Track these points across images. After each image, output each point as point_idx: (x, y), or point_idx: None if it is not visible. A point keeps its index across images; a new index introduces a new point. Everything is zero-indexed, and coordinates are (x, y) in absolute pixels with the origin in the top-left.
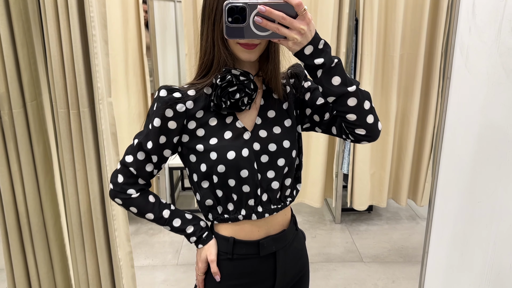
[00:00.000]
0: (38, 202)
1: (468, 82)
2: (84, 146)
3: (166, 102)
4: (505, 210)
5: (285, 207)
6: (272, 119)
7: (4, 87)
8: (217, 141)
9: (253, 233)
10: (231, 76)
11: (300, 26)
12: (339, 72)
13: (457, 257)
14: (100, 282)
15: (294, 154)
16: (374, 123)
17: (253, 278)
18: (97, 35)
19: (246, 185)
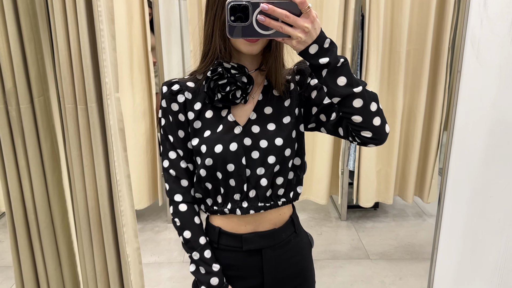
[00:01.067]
0: (45, 198)
1: (479, 75)
2: (92, 142)
3: (168, 97)
4: None
5: (277, 207)
6: (268, 115)
7: (11, 83)
8: (210, 134)
9: (240, 227)
10: (222, 69)
11: (304, 24)
12: (345, 72)
13: (468, 253)
14: (108, 279)
15: (288, 153)
16: (381, 125)
17: (240, 272)
18: (105, 30)
19: (232, 179)
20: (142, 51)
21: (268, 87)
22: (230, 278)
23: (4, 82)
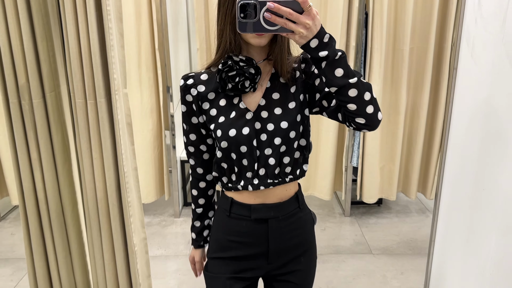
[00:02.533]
0: (56, 189)
1: (473, 72)
2: (100, 135)
3: (183, 89)
4: (509, 196)
5: (284, 183)
6: (275, 100)
7: (24, 78)
8: (224, 120)
9: (250, 199)
10: (231, 62)
11: (305, 21)
12: (342, 65)
13: (463, 245)
14: (115, 267)
15: (293, 135)
16: (374, 113)
17: (248, 239)
18: (113, 28)
19: (245, 159)
20: (150, 49)
21: (275, 75)
22: (239, 244)
23: (17, 78)
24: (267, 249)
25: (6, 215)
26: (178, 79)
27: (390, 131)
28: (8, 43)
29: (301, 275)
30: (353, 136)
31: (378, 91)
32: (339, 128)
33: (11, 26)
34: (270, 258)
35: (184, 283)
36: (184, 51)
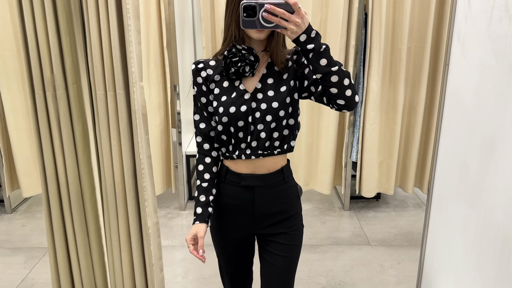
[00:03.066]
0: (76, 174)
1: (463, 67)
2: (119, 124)
3: (195, 72)
4: (494, 184)
5: (273, 155)
6: (269, 84)
7: (49, 71)
8: (226, 99)
9: (242, 168)
10: (235, 50)
11: (296, 19)
12: (326, 55)
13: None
14: (131, 248)
15: (282, 114)
16: (352, 96)
17: (237, 202)
18: (132, 25)
19: (241, 132)
20: (158, 47)
21: (271, 64)
22: (231, 206)
23: (43, 71)
24: (253, 212)
25: (17, 207)
26: (184, 77)
27: (388, 127)
28: (35, 39)
29: (285, 237)
30: (353, 133)
31: (376, 88)
32: (339, 124)
33: (38, 23)
34: (256, 220)
35: (190, 271)
36: (189, 50)
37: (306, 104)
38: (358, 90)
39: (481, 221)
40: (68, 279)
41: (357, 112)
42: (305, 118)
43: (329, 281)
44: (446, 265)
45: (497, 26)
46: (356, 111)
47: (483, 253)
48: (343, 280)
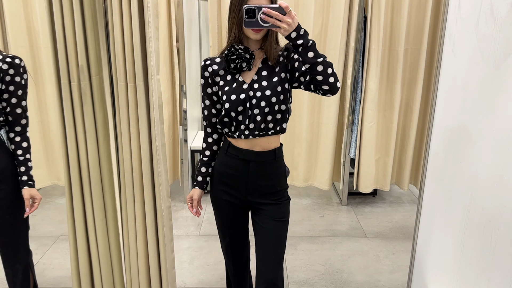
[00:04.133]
0: (97, 160)
1: (454, 65)
2: (138, 113)
3: (203, 67)
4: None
5: (267, 135)
6: (264, 76)
7: (75, 63)
8: (228, 88)
9: (241, 145)
10: (233, 49)
11: (287, 20)
12: (312, 49)
13: (442, 212)
14: (145, 229)
15: (274, 100)
16: (334, 82)
17: (235, 172)
18: (152, 22)
19: (240, 116)
20: (168, 46)
21: (266, 59)
22: (229, 174)
23: (69, 63)
24: (247, 182)
25: None
26: (191, 76)
27: (385, 125)
28: (63, 34)
29: (273, 207)
30: (351, 132)
31: (374, 88)
32: (338, 123)
33: (66, 19)
34: (248, 189)
35: (195, 259)
36: (195, 50)
37: (307, 102)
38: (357, 89)
39: (467, 204)
40: (86, 258)
41: (355, 111)
42: (305, 116)
43: (327, 269)
44: (436, 250)
45: (483, 27)
46: (354, 110)
47: (469, 233)
48: (340, 268)
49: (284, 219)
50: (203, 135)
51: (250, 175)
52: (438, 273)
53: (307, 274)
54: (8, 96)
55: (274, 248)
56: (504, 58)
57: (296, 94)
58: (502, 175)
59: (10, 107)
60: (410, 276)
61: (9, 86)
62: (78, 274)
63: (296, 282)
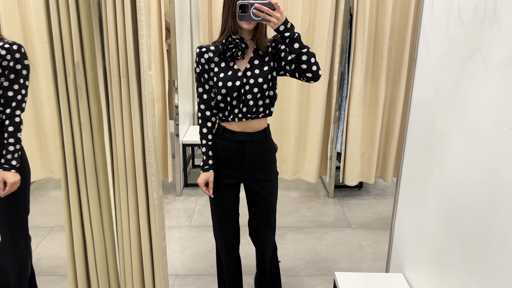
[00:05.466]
0: (91, 151)
1: (428, 63)
2: (130, 107)
3: (199, 55)
4: (449, 162)
5: (258, 118)
6: (256, 65)
7: (71, 59)
8: (223, 75)
9: (235, 128)
10: (230, 39)
11: (276, 14)
12: (298, 41)
13: (416, 202)
14: (138, 217)
15: (265, 87)
16: (316, 70)
17: (231, 154)
18: (144, 21)
19: (234, 101)
20: (158, 43)
21: (257, 49)
22: (225, 156)
23: (65, 59)
24: (243, 161)
25: None
26: (182, 72)
27: (370, 121)
28: (59, 31)
29: (265, 182)
30: (337, 127)
31: (360, 84)
32: (325, 118)
33: (62, 18)
34: (245, 167)
35: (186, 248)
36: (187, 46)
37: (295, 98)
38: (343, 86)
39: (438, 194)
40: (81, 245)
41: (342, 107)
42: (294, 111)
43: (313, 257)
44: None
45: (452, 28)
46: (341, 106)
47: (440, 220)
48: (325, 256)
49: (274, 189)
50: (199, 123)
51: (246, 154)
52: (412, 259)
53: (293, 263)
54: (1, 79)
55: (268, 212)
56: (470, 56)
57: (285, 90)
58: (468, 165)
59: (2, 89)
60: (388, 262)
61: (5, 71)
62: (73, 260)
63: (283, 270)
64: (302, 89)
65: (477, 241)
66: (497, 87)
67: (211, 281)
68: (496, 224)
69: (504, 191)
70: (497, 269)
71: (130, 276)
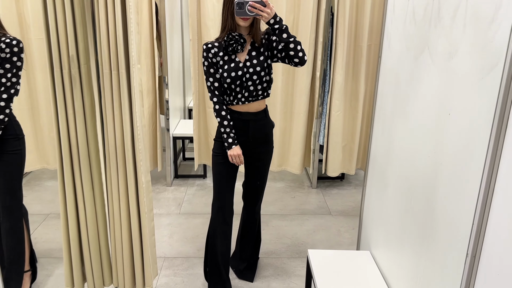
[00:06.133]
0: (85, 138)
1: (389, 58)
2: (120, 97)
3: (206, 50)
4: (405, 145)
5: (258, 100)
6: (253, 56)
7: (66, 53)
8: (227, 67)
9: (239, 109)
10: (232, 36)
11: (267, 10)
12: (286, 31)
13: (380, 186)
14: (128, 199)
15: (263, 74)
16: (302, 56)
17: (240, 131)
18: (133, 19)
19: (238, 87)
20: (149, 39)
21: (253, 42)
22: (237, 132)
23: (61, 53)
24: (248, 136)
25: None
26: (173, 68)
27: (351, 115)
28: (55, 27)
29: (264, 150)
30: (320, 121)
31: (341, 80)
32: (309, 112)
33: (58, 15)
34: (249, 142)
35: (175, 233)
36: (178, 43)
37: (280, 93)
38: (326, 81)
39: (397, 176)
40: (75, 225)
41: (324, 101)
42: (279, 106)
43: (294, 242)
44: (375, 218)
45: (408, 27)
46: (323, 101)
47: (397, 200)
48: (305, 241)
49: (270, 156)
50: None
51: (250, 131)
52: (377, 237)
53: (275, 246)
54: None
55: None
56: (421, 52)
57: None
58: (418, 148)
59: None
60: (358, 242)
61: (2, 61)
62: (68, 240)
63: (265, 253)
64: (287, 85)
65: (425, 215)
66: (440, 78)
67: (197, 263)
68: (438, 197)
69: (445, 168)
70: (439, 235)
71: (121, 254)
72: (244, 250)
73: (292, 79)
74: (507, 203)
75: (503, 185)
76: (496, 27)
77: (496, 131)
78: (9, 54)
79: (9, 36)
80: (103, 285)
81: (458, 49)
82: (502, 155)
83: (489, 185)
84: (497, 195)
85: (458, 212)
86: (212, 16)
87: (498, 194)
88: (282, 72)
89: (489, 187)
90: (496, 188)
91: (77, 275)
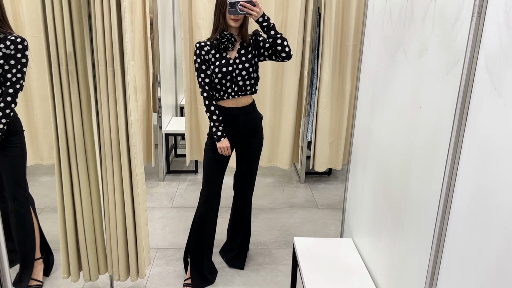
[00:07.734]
0: (81, 131)
1: (369, 57)
2: (115, 93)
3: (199, 48)
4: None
5: (246, 95)
6: (242, 54)
7: (63, 50)
8: (219, 64)
9: (229, 104)
10: (224, 35)
11: (256, 9)
12: (273, 28)
13: (361, 173)
14: (122, 190)
15: (251, 70)
16: (289, 51)
17: (229, 126)
18: (127, 17)
19: (228, 83)
20: (142, 38)
21: (243, 42)
22: (227, 127)
23: (58, 50)
24: (238, 130)
25: None
26: (165, 66)
27: (337, 112)
28: (53, 25)
29: (254, 140)
30: (308, 118)
31: (328, 78)
32: (297, 110)
33: (56, 14)
34: (239, 135)
35: (167, 226)
36: (169, 42)
37: (270, 91)
38: (313, 80)
39: (375, 166)
40: (71, 215)
41: (312, 99)
42: (268, 103)
43: (282, 233)
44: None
45: (386, 27)
46: (311, 98)
47: (376, 188)
48: (293, 232)
49: (260, 147)
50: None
51: (240, 124)
52: (359, 225)
53: (264, 238)
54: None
55: (254, 158)
56: (396, 50)
57: (260, 84)
58: (394, 140)
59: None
60: (342, 230)
61: (7, 58)
62: (65, 229)
63: (254, 244)
64: (276, 83)
65: (399, 201)
66: (412, 74)
67: None
68: (410, 184)
69: (416, 156)
70: (411, 219)
71: (116, 243)
72: (234, 239)
73: (281, 77)
74: (467, 185)
75: (464, 170)
76: (459, 27)
77: (458, 121)
78: (14, 51)
79: (14, 35)
80: (98, 273)
81: (428, 48)
82: (464, 142)
83: (452, 169)
84: (459, 178)
85: (427, 196)
86: (203, 15)
87: (460, 177)
88: (271, 71)
89: (452, 171)
90: (458, 172)
91: (73, 265)
